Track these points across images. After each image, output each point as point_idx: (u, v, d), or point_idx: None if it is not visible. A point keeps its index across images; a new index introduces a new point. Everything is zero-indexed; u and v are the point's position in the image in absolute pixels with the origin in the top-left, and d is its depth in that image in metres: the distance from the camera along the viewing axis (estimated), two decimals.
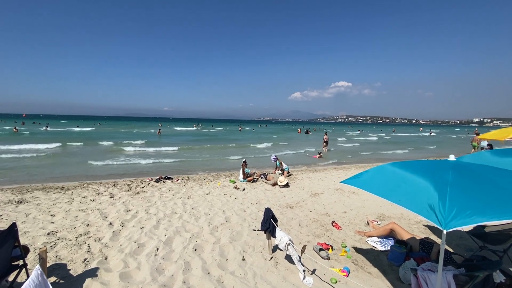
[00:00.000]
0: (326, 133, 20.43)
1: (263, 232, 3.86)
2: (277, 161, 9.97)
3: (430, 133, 55.82)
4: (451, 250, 4.08)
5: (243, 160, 9.14)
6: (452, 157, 2.65)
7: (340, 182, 3.20)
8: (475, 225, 3.90)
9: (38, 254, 2.63)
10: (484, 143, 11.75)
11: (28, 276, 2.81)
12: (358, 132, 54.18)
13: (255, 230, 4.67)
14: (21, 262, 2.84)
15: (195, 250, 3.94)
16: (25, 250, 3.05)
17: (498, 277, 2.68)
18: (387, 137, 39.59)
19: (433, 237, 4.53)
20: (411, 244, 3.76)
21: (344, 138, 34.26)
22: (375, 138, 36.63)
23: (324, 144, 19.10)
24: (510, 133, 5.84)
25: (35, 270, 2.31)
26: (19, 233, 3.98)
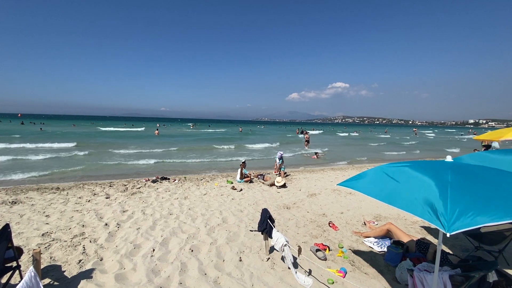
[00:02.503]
0: (307, 133, 23.32)
1: (260, 233, 3.85)
2: (282, 158, 9.97)
3: (415, 133, 56.98)
4: (447, 250, 4.10)
5: (243, 160, 9.13)
6: (449, 158, 2.65)
7: (337, 184, 3.16)
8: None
9: (32, 255, 2.59)
10: (496, 144, 11.61)
11: (21, 278, 2.77)
12: (387, 134, 51.68)
13: (252, 230, 4.66)
14: (14, 264, 2.80)
15: (192, 251, 3.91)
16: (19, 251, 3.02)
17: (492, 277, 2.70)
18: (416, 141, 34.91)
19: (430, 238, 4.55)
20: (408, 244, 3.77)
21: (383, 142, 30.39)
22: (412, 142, 31.72)
23: (306, 143, 21.42)
24: (505, 134, 5.89)
25: (29, 272, 2.27)
26: (13, 234, 3.94)
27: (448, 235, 1.79)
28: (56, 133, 30.66)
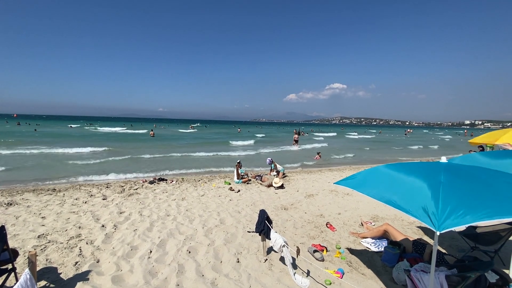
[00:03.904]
0: (298, 133, 24.77)
1: (258, 234, 3.85)
2: (272, 164, 9.99)
3: (406, 133, 56.93)
4: (443, 251, 4.13)
5: (238, 161, 9.14)
6: (443, 159, 2.68)
7: (334, 183, 3.21)
8: (467, 225, 3.96)
9: (28, 257, 2.57)
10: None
11: (17, 280, 2.74)
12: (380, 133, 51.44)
13: (249, 232, 4.66)
14: (9, 266, 2.78)
15: (189, 252, 3.90)
16: (14, 253, 2.99)
17: (492, 278, 2.72)
18: (439, 145, 31.12)
19: (426, 238, 4.58)
20: (404, 245, 3.79)
21: (413, 146, 27.36)
22: (435, 147, 28.05)
23: (294, 142, 22.55)
24: (500, 137, 5.92)
25: (24, 274, 2.26)
26: (8, 236, 3.89)
27: (438, 233, 1.86)
28: (70, 135, 29.43)
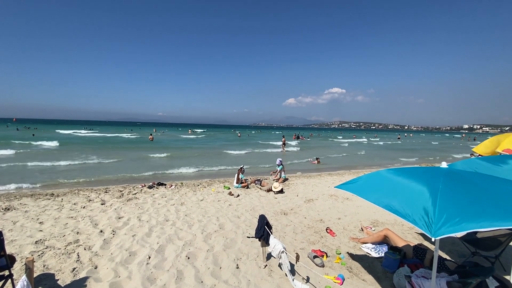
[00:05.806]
0: (284, 136, 25.68)
1: (258, 239, 3.83)
2: (281, 165, 10.00)
3: (399, 138, 57.06)
4: (444, 256, 4.10)
5: (241, 166, 9.14)
6: (444, 164, 2.69)
7: (334, 187, 3.21)
8: (466, 232, 3.95)
9: (25, 263, 2.54)
10: None
11: (14, 287, 2.71)
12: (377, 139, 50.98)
13: (249, 237, 4.63)
14: (6, 273, 2.75)
15: (188, 258, 3.87)
16: (11, 259, 2.95)
17: (492, 284, 2.70)
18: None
19: (427, 244, 4.55)
20: (405, 250, 3.77)
21: (460, 155, 23.80)
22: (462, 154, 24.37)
23: (283, 145, 23.59)
24: (502, 142, 5.92)
25: (21, 281, 2.24)
26: (5, 242, 3.86)
27: (433, 239, 1.88)
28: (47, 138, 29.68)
